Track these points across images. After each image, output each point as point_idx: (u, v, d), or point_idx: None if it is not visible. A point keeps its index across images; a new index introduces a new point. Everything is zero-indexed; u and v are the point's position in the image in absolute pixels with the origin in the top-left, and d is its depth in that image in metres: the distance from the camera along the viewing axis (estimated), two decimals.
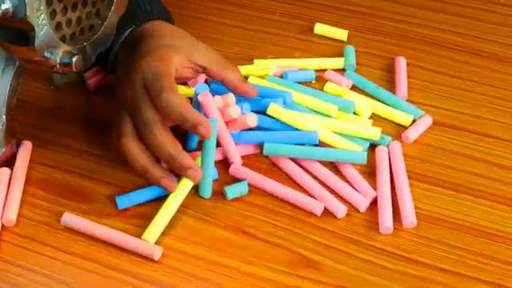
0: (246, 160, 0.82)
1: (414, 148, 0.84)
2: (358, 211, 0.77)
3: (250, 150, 0.83)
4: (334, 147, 0.81)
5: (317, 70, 0.93)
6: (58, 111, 0.89)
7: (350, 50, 0.95)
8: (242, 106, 0.81)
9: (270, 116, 0.82)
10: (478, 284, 0.71)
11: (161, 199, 0.77)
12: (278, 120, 0.82)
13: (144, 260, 0.73)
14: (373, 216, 0.77)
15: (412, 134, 0.84)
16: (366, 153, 0.80)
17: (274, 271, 0.72)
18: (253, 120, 0.80)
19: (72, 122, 0.88)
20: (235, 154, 0.81)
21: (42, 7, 0.68)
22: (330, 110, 0.85)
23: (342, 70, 0.94)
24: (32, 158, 0.83)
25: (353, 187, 0.79)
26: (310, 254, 0.74)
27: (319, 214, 0.76)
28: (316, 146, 0.81)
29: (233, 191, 0.78)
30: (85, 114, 0.89)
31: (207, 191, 0.78)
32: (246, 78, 0.88)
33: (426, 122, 0.86)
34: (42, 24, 0.69)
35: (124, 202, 0.78)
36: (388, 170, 0.80)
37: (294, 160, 0.81)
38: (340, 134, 0.82)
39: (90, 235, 0.75)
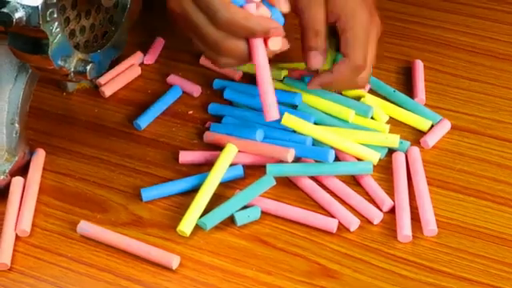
0: (255, 171, 0.80)
1: (433, 153, 0.83)
2: None
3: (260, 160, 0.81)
4: (351, 154, 0.80)
5: None
6: (71, 118, 0.88)
7: None
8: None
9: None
10: None
11: (183, 195, 0.78)
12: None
13: (160, 270, 0.72)
14: (391, 224, 0.76)
15: (431, 139, 0.83)
16: (371, 163, 0.79)
17: (292, 281, 0.71)
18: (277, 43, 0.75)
19: (85, 129, 0.87)
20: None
21: (55, 15, 0.67)
22: (347, 115, 0.84)
23: None
24: (45, 165, 0.82)
25: (369, 196, 0.78)
26: (329, 263, 0.73)
27: (334, 230, 0.75)
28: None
29: (242, 217, 0.76)
30: (98, 120, 0.88)
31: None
32: None
33: (445, 126, 0.85)
34: (55, 32, 0.68)
35: (148, 194, 0.78)
36: (405, 177, 0.79)
37: None
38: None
39: (106, 244, 0.74)
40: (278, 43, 0.75)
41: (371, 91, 0.90)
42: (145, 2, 0.83)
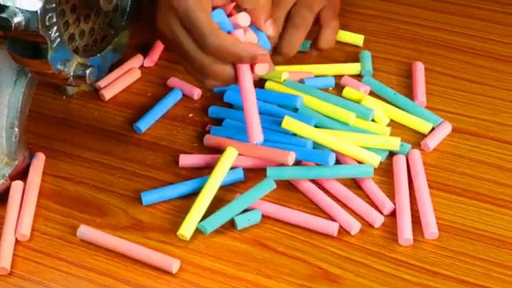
0: (256, 175, 0.80)
1: (433, 156, 0.83)
2: None
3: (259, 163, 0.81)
4: (351, 157, 0.80)
5: (333, 76, 0.91)
6: (71, 121, 0.88)
7: (367, 55, 0.94)
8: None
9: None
10: None
11: (183, 199, 0.77)
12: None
13: (160, 274, 0.72)
14: (392, 227, 0.75)
15: (432, 142, 0.83)
16: (372, 166, 0.79)
17: (292, 285, 0.71)
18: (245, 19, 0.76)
19: (85, 133, 0.86)
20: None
21: (54, 19, 0.67)
22: (348, 117, 0.84)
23: (358, 76, 0.92)
24: (45, 169, 0.82)
25: (370, 200, 0.78)
26: (330, 266, 0.73)
27: (335, 234, 0.75)
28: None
29: (243, 221, 0.76)
30: (98, 124, 0.87)
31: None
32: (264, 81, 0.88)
33: (446, 129, 0.85)
34: (54, 36, 0.68)
35: (148, 198, 0.78)
36: (406, 180, 0.79)
37: None
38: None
39: (106, 248, 0.74)
40: (264, 69, 0.76)
41: (372, 94, 0.90)
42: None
